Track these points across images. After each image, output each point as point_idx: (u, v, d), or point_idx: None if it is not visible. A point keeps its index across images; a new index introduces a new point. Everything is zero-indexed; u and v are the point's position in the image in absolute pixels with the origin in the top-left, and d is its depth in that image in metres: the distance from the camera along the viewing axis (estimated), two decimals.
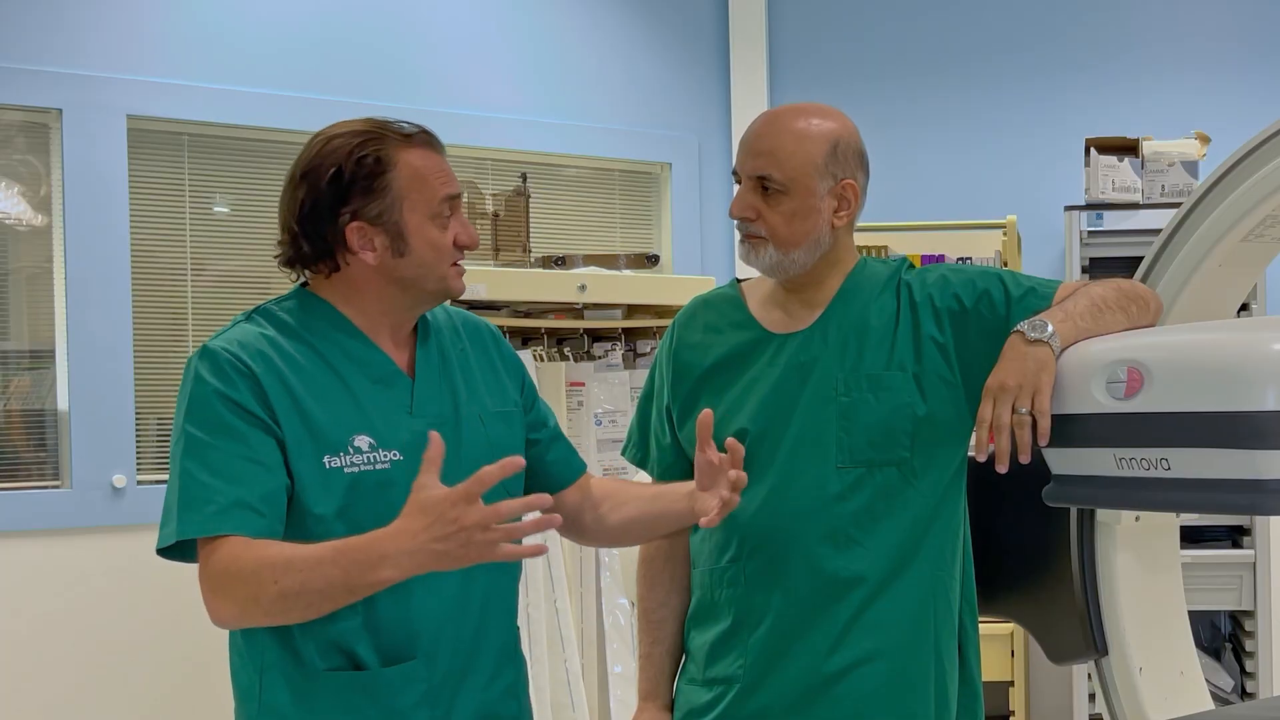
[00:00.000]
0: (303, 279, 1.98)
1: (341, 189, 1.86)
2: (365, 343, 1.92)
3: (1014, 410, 1.90)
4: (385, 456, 1.86)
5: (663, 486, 2.11)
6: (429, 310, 2.01)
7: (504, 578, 2.00)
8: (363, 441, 1.85)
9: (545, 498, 1.69)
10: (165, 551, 1.84)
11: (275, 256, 1.96)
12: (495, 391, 2.03)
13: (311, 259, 1.91)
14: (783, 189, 2.04)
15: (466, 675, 1.92)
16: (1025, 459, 1.90)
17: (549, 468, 2.10)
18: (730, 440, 1.90)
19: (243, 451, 1.79)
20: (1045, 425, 1.90)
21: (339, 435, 1.84)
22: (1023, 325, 1.95)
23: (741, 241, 2.10)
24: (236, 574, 1.74)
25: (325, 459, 1.83)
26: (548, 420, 2.13)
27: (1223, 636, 4.41)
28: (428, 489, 1.66)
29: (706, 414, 1.93)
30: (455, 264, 1.93)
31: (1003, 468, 1.90)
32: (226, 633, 1.92)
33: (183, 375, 1.86)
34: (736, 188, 2.11)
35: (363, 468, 1.84)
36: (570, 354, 3.79)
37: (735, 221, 2.10)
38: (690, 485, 2.00)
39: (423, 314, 2.00)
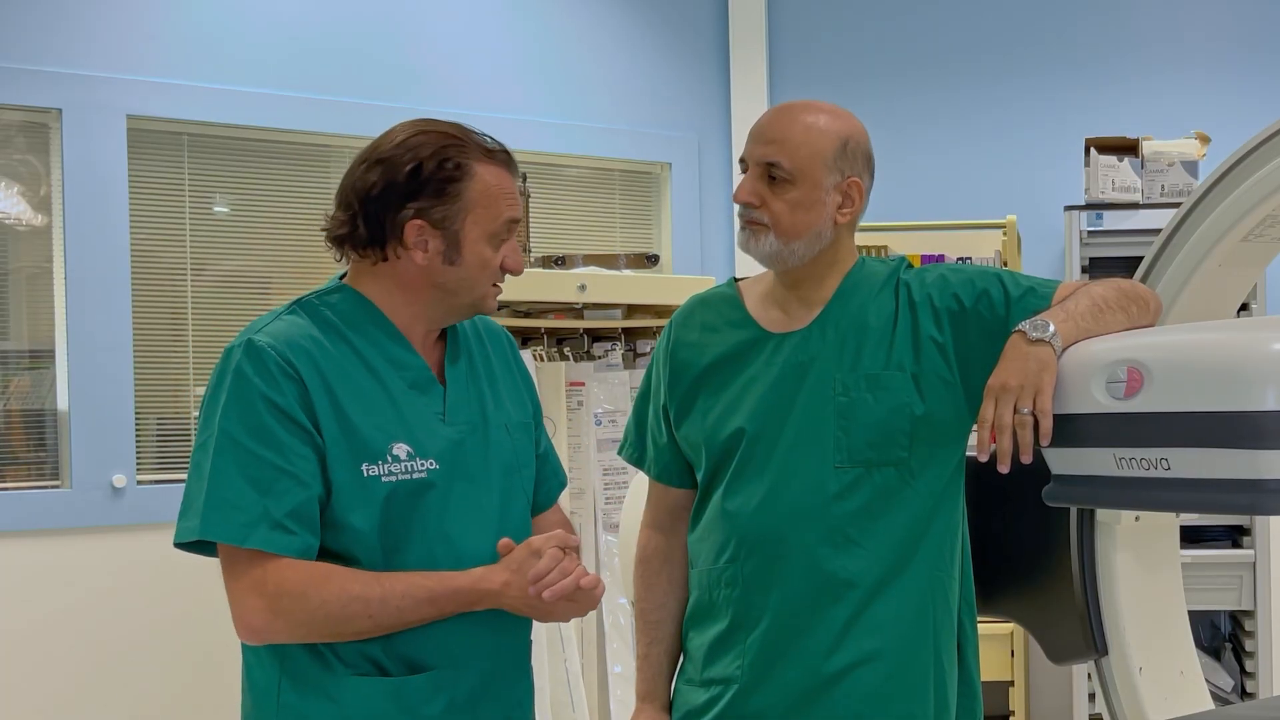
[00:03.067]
0: (343, 270, 1.96)
1: (416, 184, 1.85)
2: (405, 346, 1.90)
3: (1016, 410, 1.90)
4: (422, 465, 1.85)
5: None
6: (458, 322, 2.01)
7: None
8: (401, 450, 1.84)
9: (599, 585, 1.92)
10: (184, 545, 1.82)
11: (323, 229, 1.93)
12: (517, 401, 2.03)
13: (364, 243, 1.88)
14: (789, 178, 2.04)
15: (490, 684, 1.93)
16: (1027, 459, 1.90)
17: (535, 485, 2.10)
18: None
19: (278, 462, 1.77)
20: (1047, 425, 1.89)
21: (379, 443, 1.83)
22: (1024, 325, 1.95)
23: (742, 228, 2.09)
24: (319, 603, 1.75)
25: (364, 467, 1.81)
26: (542, 438, 2.13)
27: (1223, 636, 4.41)
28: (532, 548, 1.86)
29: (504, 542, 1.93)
30: (495, 284, 1.93)
31: (1004, 468, 1.90)
32: (228, 632, 1.92)
33: (220, 364, 1.83)
34: (740, 176, 2.11)
35: (400, 476, 1.83)
36: (570, 354, 3.79)
37: (737, 209, 2.10)
38: None
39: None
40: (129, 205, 3.94)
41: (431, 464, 1.85)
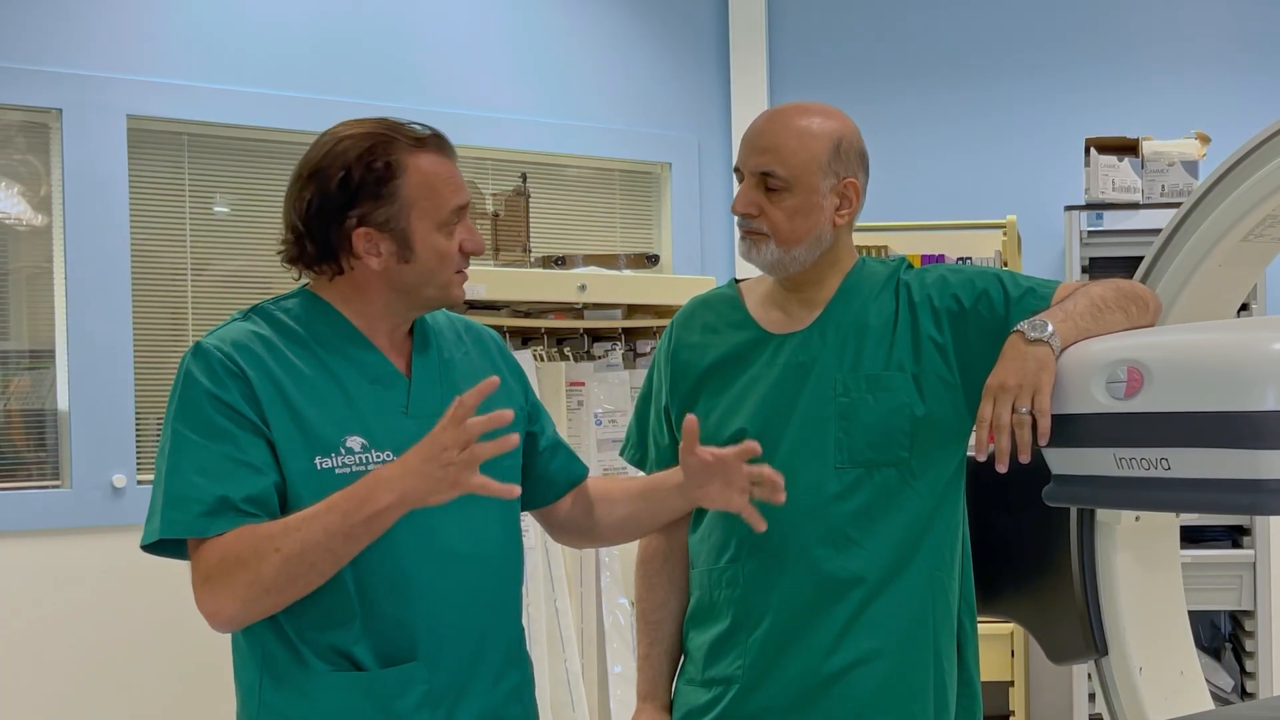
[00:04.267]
0: (305, 279, 1.97)
1: (350, 192, 1.84)
2: (363, 344, 1.91)
3: (1014, 410, 1.90)
4: (378, 457, 1.84)
5: (650, 481, 2.12)
6: (426, 314, 2.01)
7: (508, 582, 2.00)
8: (355, 442, 1.84)
9: (507, 414, 1.75)
10: (151, 548, 1.83)
11: (278, 253, 1.94)
12: (502, 396, 2.02)
13: (315, 260, 1.89)
14: (785, 185, 2.04)
15: (471, 678, 1.92)
16: (1025, 458, 1.90)
17: (553, 475, 2.10)
18: (749, 444, 1.94)
19: (231, 452, 1.78)
20: (1045, 425, 1.89)
21: (331, 436, 1.83)
22: (1023, 325, 1.95)
23: (742, 238, 2.10)
24: (235, 559, 1.73)
25: (317, 459, 1.82)
26: (547, 428, 2.13)
27: (1223, 636, 4.41)
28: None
29: (691, 420, 1.95)
30: (459, 271, 1.92)
31: (1002, 467, 1.90)
32: (224, 634, 1.92)
33: (177, 372, 1.85)
34: (737, 185, 2.11)
35: (354, 468, 1.82)
36: (570, 354, 3.79)
37: (736, 219, 2.10)
38: (677, 477, 2.02)
39: (420, 317, 2.00)
40: (129, 205, 3.94)
41: (387, 455, 1.84)
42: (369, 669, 1.84)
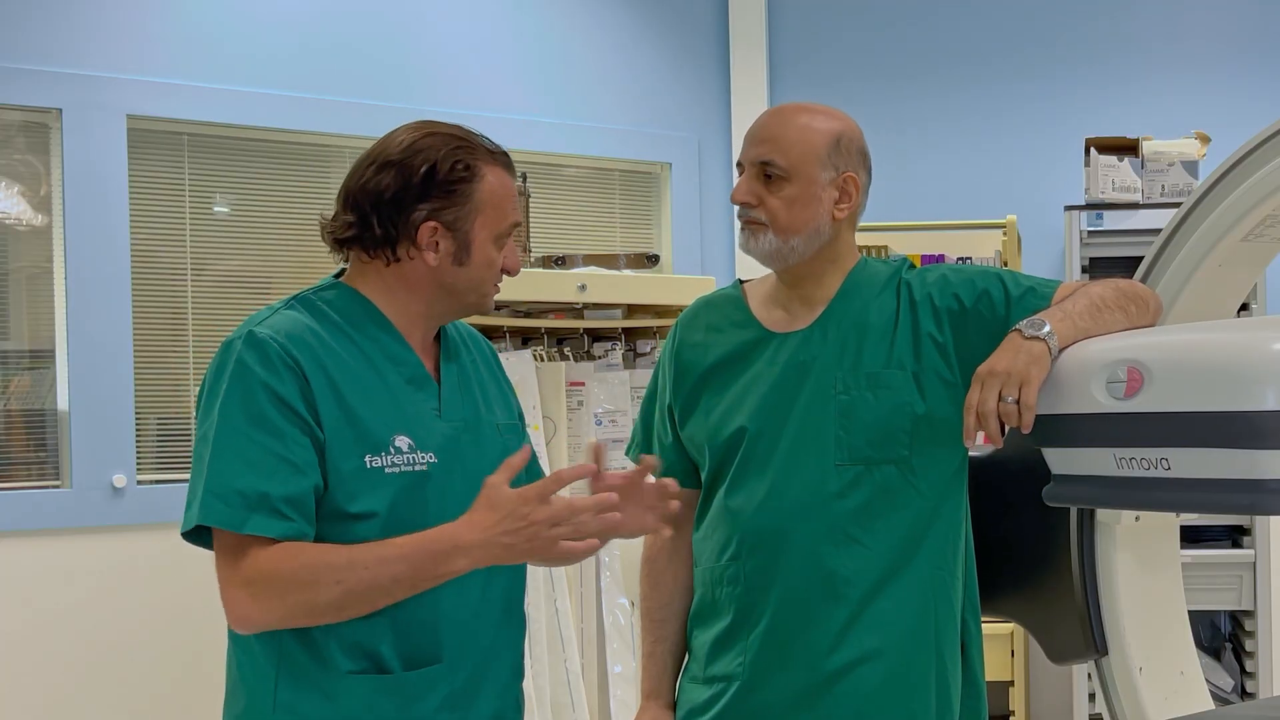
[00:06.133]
0: (340, 268, 1.97)
1: (429, 186, 1.87)
2: (401, 343, 1.92)
3: (1001, 399, 1.90)
4: (423, 458, 1.86)
5: None
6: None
7: (517, 589, 2.01)
8: (403, 442, 1.85)
9: (612, 497, 1.77)
10: (190, 535, 1.82)
11: (330, 232, 1.93)
12: (502, 405, 2.05)
13: (376, 244, 1.89)
14: (784, 175, 2.06)
15: (484, 680, 1.93)
16: (1019, 430, 1.91)
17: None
18: (647, 459, 1.98)
19: (276, 448, 1.77)
20: (1029, 419, 1.90)
21: (381, 434, 1.84)
22: (1021, 324, 1.96)
23: (742, 229, 2.12)
24: (290, 577, 1.74)
25: (367, 458, 1.82)
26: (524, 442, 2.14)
27: (1223, 636, 4.41)
28: (499, 488, 1.75)
29: (595, 449, 1.93)
30: (496, 284, 1.97)
31: (997, 443, 1.92)
32: (225, 632, 1.91)
33: (220, 356, 1.84)
34: (738, 179, 2.12)
35: (403, 468, 1.84)
36: (570, 354, 3.79)
37: (736, 209, 2.12)
38: None
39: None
40: (129, 205, 3.94)
41: (431, 457, 1.86)
42: (393, 670, 1.84)
